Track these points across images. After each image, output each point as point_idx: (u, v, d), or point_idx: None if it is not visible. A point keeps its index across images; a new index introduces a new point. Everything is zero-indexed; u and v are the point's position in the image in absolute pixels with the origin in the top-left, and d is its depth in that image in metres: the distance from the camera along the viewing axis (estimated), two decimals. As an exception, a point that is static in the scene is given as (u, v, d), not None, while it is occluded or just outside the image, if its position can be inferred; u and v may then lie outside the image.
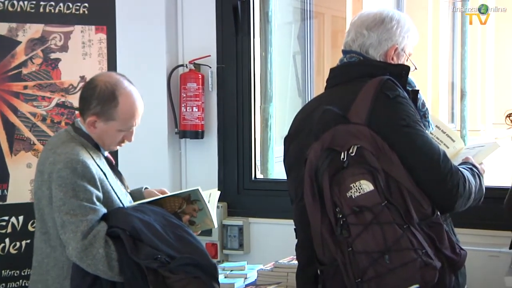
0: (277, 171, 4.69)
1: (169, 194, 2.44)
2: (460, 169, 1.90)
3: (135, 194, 2.50)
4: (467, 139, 8.51)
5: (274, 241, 3.83)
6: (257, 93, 4.23)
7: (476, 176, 1.97)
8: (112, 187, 2.29)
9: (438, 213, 1.83)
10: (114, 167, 2.40)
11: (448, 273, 1.80)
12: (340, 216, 1.74)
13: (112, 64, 3.94)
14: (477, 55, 10.19)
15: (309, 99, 5.85)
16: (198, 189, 2.36)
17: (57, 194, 2.18)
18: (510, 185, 3.31)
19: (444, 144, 2.18)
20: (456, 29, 9.87)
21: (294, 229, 2.05)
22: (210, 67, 3.97)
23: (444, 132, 2.22)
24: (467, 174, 1.91)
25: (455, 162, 1.99)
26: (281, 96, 5.79)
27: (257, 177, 4.17)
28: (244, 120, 4.00)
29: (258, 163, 4.26)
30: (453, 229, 1.98)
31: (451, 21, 9.80)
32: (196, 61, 3.94)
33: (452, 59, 9.87)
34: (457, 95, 9.82)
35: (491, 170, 2.18)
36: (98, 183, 2.22)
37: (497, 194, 3.30)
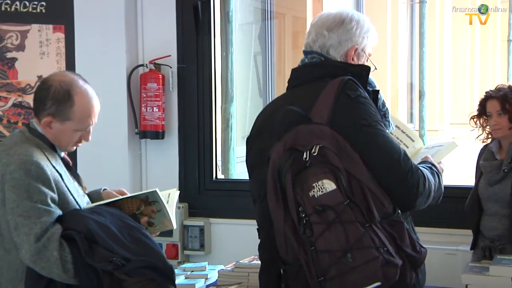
0: (238, 171, 4.69)
1: (127, 195, 2.42)
2: (420, 168, 1.94)
3: (94, 195, 2.47)
4: (425, 139, 8.67)
5: (235, 241, 3.84)
6: (218, 93, 4.22)
7: (436, 175, 2.00)
8: (68, 188, 2.25)
9: (399, 211, 1.85)
10: (71, 168, 2.37)
11: (409, 270, 1.82)
12: (303, 215, 1.75)
13: (70, 63, 3.89)
14: (435, 56, 10.38)
15: (270, 99, 5.92)
16: (156, 191, 2.35)
17: (10, 196, 2.14)
18: (471, 185, 3.40)
19: (404, 144, 2.22)
20: (414, 30, 10.03)
21: (257, 229, 2.05)
22: (171, 67, 3.95)
23: (404, 132, 2.25)
24: (426, 173, 1.94)
25: (415, 161, 2.02)
26: (242, 96, 5.80)
27: (218, 177, 4.18)
28: (205, 120, 4.00)
29: (219, 163, 4.26)
30: (413, 228, 2.01)
31: (409, 22, 9.96)
32: (156, 61, 3.92)
33: (411, 60, 10.03)
34: (415, 95, 9.99)
35: (450, 169, 2.22)
36: (53, 185, 2.18)
37: (454, 193, 3.38)
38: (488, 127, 3.26)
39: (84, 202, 2.32)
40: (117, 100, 3.89)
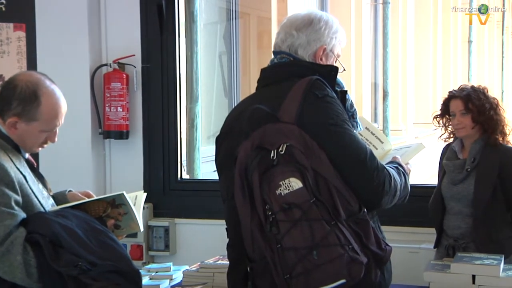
0: (204, 171, 4.69)
1: (93, 198, 2.40)
2: (386, 167, 1.97)
3: (59, 197, 2.44)
4: (389, 139, 8.77)
5: (201, 241, 3.84)
6: (183, 93, 4.22)
7: (402, 175, 2.03)
8: (32, 190, 2.22)
9: (365, 210, 1.88)
10: (35, 170, 2.34)
11: (374, 268, 1.85)
12: (270, 213, 1.76)
13: (31, 63, 3.85)
14: (398, 56, 10.53)
15: (236, 99, 5.94)
16: (123, 193, 2.34)
17: (-27, 199, 2.10)
18: (435, 184, 3.46)
19: (373, 145, 2.25)
20: (378, 31, 10.16)
21: (226, 228, 2.06)
22: (135, 67, 3.93)
23: (373, 134, 2.28)
24: (392, 172, 1.97)
25: (383, 162, 2.05)
26: (207, 96, 5.79)
27: (183, 177, 4.17)
28: (169, 120, 3.99)
29: (184, 163, 4.25)
30: (379, 227, 2.04)
31: (373, 23, 10.08)
32: (120, 61, 3.90)
33: (375, 60, 10.16)
34: (379, 95, 10.11)
35: (413, 168, 2.26)
36: (17, 187, 2.15)
37: (418, 192, 3.43)
38: (450, 126, 3.31)
39: (49, 204, 2.29)
40: (80, 100, 3.85)
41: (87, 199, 2.38)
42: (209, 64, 5.92)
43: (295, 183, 1.75)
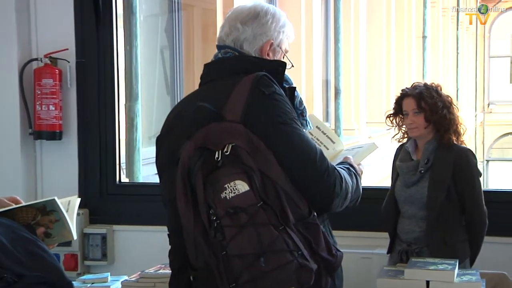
0: (145, 174, 4.67)
1: (21, 204, 2.36)
2: (337, 168, 1.98)
3: (-18, 204, 2.39)
4: (341, 139, 8.88)
5: (141, 249, 3.82)
6: (122, 90, 4.19)
7: (353, 176, 2.06)
8: (-45, 196, 2.18)
9: (315, 213, 1.89)
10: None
11: (324, 275, 1.86)
12: (214, 218, 1.76)
13: (-46, 56, 3.75)
14: (351, 52, 10.66)
15: (179, 97, 5.92)
16: (54, 199, 2.31)
17: None
18: (388, 186, 3.52)
19: (324, 146, 2.27)
20: (329, 25, 10.27)
21: (168, 234, 2.05)
22: (69, 62, 3.89)
23: (325, 133, 2.30)
24: (344, 173, 1.99)
25: (334, 163, 2.07)
26: (148, 93, 5.76)
27: (122, 181, 4.14)
28: (107, 119, 3.95)
29: (123, 166, 4.22)
30: (331, 231, 2.06)
31: (324, 17, 10.18)
32: (52, 55, 3.85)
33: (326, 57, 10.26)
34: (331, 93, 10.22)
35: (366, 170, 2.29)
36: None
37: (370, 194, 3.48)
38: (404, 126, 3.37)
39: (-29, 210, 2.25)
40: (8, 97, 3.79)
41: (14, 206, 2.34)
42: (149, 59, 5.89)
43: (241, 186, 1.76)
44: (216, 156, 1.80)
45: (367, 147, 2.30)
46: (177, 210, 1.86)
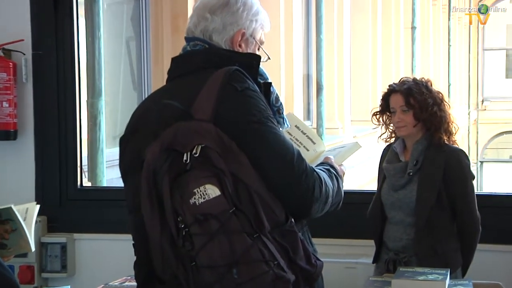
0: (109, 177, 4.65)
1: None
2: (316, 170, 1.99)
3: None
4: (324, 138, 8.91)
5: (105, 260, 3.81)
6: (83, 85, 4.17)
7: (334, 178, 2.06)
8: None
9: (292, 220, 1.90)
10: None
11: (302, 286, 1.87)
12: (182, 226, 1.76)
13: None
14: (334, 44, 10.70)
15: (146, 92, 5.91)
16: (11, 207, 2.30)
17: None
18: (374, 190, 3.53)
19: (304, 146, 2.28)
20: (310, 15, 10.29)
21: (133, 244, 2.05)
22: (24, 54, 3.87)
23: (304, 133, 2.31)
24: (323, 175, 2.00)
25: (314, 165, 2.07)
26: (113, 89, 5.74)
27: (84, 185, 4.13)
28: (67, 118, 3.94)
29: (85, 168, 4.20)
30: (310, 239, 2.07)
31: (305, 6, 10.21)
32: (5, 46, 3.83)
33: (308, 49, 10.29)
34: (313, 89, 10.25)
35: (350, 172, 2.30)
36: None
37: (355, 199, 3.51)
38: (392, 124, 3.38)
39: None
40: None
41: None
42: (114, 51, 5.86)
43: (212, 191, 1.76)
44: (185, 158, 1.79)
45: (350, 146, 2.32)
46: (142, 217, 1.86)
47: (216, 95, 1.89)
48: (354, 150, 2.30)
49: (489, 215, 3.33)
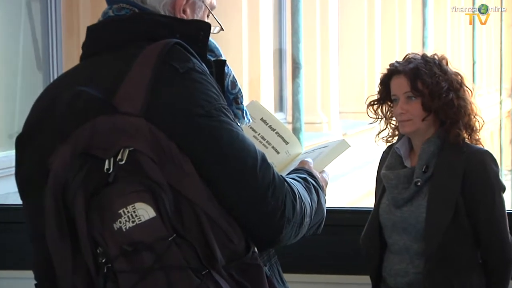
0: (4, 191, 4.62)
1: None
2: (288, 180, 1.99)
3: None
4: (301, 137, 8.91)
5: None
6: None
7: (313, 190, 2.07)
8: None
9: (255, 249, 1.90)
10: None
11: None
12: (104, 260, 1.75)
13: None
14: (316, 12, 10.72)
15: (55, 74, 5.86)
16: None
17: None
18: (370, 207, 3.55)
19: (272, 147, 2.28)
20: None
21: (35, 284, 2.03)
22: None
23: (274, 129, 2.31)
24: (298, 187, 2.00)
25: (285, 172, 2.08)
26: (9, 69, 5.69)
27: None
28: None
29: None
30: (280, 274, 2.07)
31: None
32: None
33: (280, 16, 10.30)
34: (287, 68, 10.26)
35: (336, 183, 2.31)
36: None
37: (343, 219, 3.53)
38: (394, 118, 3.39)
39: None
40: None
41: None
42: (10, 16, 5.82)
43: (144, 211, 1.75)
44: (106, 166, 1.78)
45: (334, 145, 2.31)
46: (47, 247, 1.84)
47: (148, 80, 1.88)
48: (340, 151, 2.30)
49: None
